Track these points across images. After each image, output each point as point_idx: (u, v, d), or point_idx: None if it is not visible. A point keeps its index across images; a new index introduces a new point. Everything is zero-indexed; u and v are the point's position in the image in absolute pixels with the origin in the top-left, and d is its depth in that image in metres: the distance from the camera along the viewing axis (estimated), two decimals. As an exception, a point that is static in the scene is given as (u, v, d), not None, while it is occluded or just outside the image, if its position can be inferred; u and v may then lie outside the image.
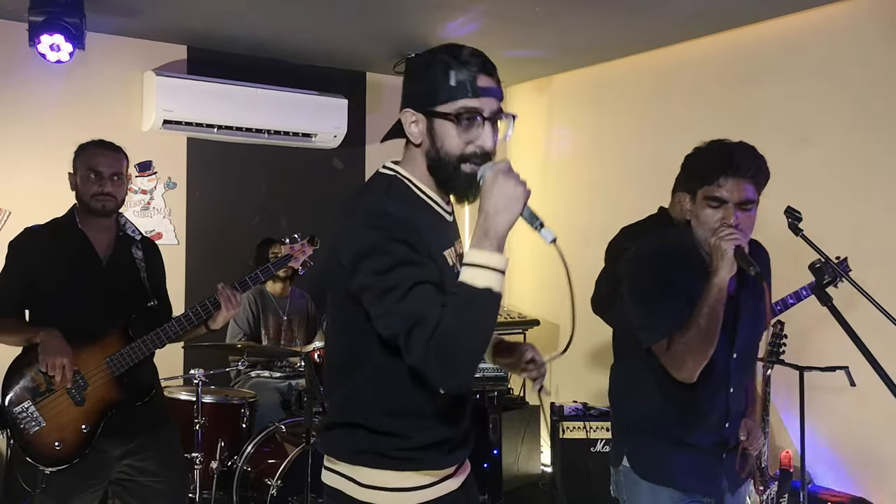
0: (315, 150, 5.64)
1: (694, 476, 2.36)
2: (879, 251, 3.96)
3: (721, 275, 2.17)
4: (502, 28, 4.84)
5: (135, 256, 3.00)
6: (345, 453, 1.87)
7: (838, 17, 4.28)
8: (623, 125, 5.49)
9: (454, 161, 1.76)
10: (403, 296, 1.65)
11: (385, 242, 1.68)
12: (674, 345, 2.19)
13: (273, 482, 3.81)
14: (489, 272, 1.63)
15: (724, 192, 2.22)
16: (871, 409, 3.99)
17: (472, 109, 1.74)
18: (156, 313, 2.98)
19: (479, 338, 1.66)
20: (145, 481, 2.92)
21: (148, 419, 2.94)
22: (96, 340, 2.85)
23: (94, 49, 4.81)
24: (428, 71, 1.77)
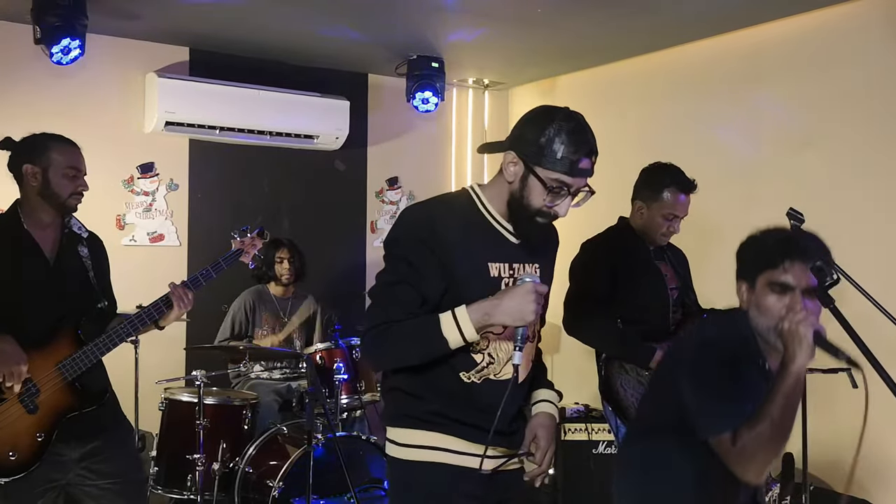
0: (317, 152, 5.65)
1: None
2: (880, 252, 3.96)
3: (799, 362, 1.99)
4: (505, 29, 4.84)
5: (81, 255, 2.88)
6: (389, 418, 2.16)
7: (841, 19, 4.27)
8: (626, 126, 5.48)
9: (532, 212, 2.04)
10: (392, 284, 2.03)
11: (408, 239, 2.04)
12: (741, 439, 1.99)
13: (275, 484, 3.81)
14: (457, 333, 1.94)
15: (790, 277, 2.08)
16: (872, 411, 3.98)
17: (564, 184, 2.00)
18: (105, 314, 2.88)
19: (409, 358, 2.04)
20: (103, 484, 2.83)
21: (103, 422, 2.85)
22: (46, 346, 2.72)
23: (97, 51, 4.81)
24: (543, 131, 1.99)
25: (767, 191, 4.49)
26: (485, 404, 2.03)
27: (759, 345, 2.15)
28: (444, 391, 2.06)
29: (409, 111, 5.75)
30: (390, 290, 2.02)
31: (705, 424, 2.06)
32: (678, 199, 3.34)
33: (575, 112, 2.04)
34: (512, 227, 2.10)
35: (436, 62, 5.46)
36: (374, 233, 6.03)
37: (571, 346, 5.54)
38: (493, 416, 1.97)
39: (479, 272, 2.05)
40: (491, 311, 1.94)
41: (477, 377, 2.06)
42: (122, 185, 5.07)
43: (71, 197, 2.81)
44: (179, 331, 5.12)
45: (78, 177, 2.83)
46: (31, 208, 2.81)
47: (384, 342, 2.00)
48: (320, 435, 3.78)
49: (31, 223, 2.80)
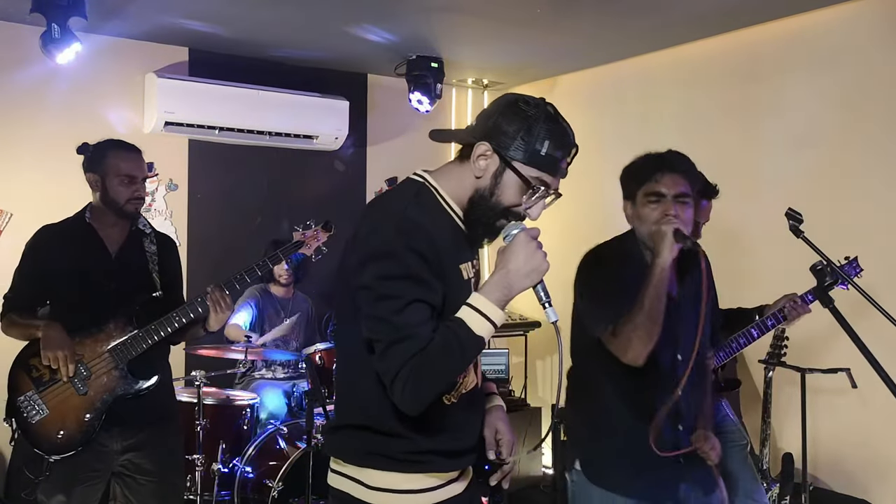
0: (316, 152, 5.65)
1: (648, 482, 2.36)
2: (880, 252, 3.96)
3: (663, 255, 2.28)
4: (504, 29, 4.84)
5: (147, 250, 3.04)
6: (352, 455, 1.88)
7: (840, 19, 4.28)
8: (625, 127, 5.49)
9: (499, 211, 1.83)
10: (401, 309, 1.70)
11: (400, 250, 1.73)
12: (619, 329, 2.26)
13: (274, 484, 3.81)
14: (486, 323, 1.72)
15: (661, 186, 2.38)
16: (873, 411, 3.99)
17: (545, 184, 1.83)
18: (163, 305, 2.99)
19: (453, 375, 1.78)
20: (141, 479, 2.96)
21: (151, 414, 2.96)
22: (101, 330, 2.90)
23: (96, 51, 4.81)
24: (526, 125, 1.79)
25: (767, 191, 4.49)
26: (463, 420, 1.93)
27: (645, 255, 2.42)
28: (423, 422, 1.80)
29: (409, 111, 5.75)
30: (402, 317, 1.70)
31: (592, 325, 2.36)
32: (700, 204, 3.29)
33: (551, 104, 1.87)
34: (464, 224, 1.89)
35: (435, 62, 5.46)
36: (373, 233, 6.03)
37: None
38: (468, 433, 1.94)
39: (456, 276, 1.85)
40: (505, 281, 1.74)
41: (455, 396, 1.89)
42: (122, 185, 5.07)
43: (128, 203, 2.97)
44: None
45: (133, 183, 2.97)
46: (99, 211, 3.02)
47: (420, 378, 1.68)
48: (320, 435, 3.78)
49: (99, 223, 3.01)
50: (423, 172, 1.94)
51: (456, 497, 1.93)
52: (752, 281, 4.24)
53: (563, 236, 5.90)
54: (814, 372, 3.69)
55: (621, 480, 2.37)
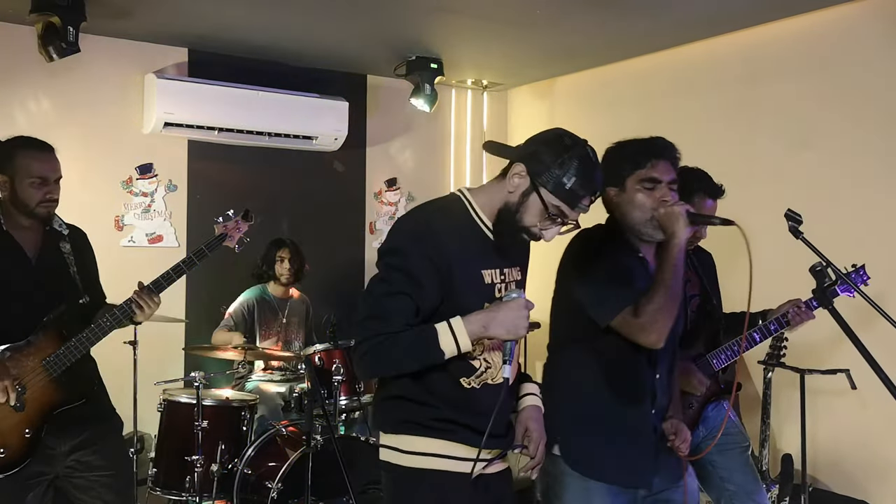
0: (316, 153, 5.65)
1: (626, 469, 2.40)
2: (880, 252, 3.95)
3: (679, 235, 2.29)
4: (503, 30, 4.85)
5: (63, 251, 2.90)
6: (390, 425, 2.15)
7: (840, 20, 4.28)
8: (625, 128, 5.44)
9: (520, 227, 2.07)
10: (392, 294, 2.01)
11: (408, 249, 2.02)
12: (643, 308, 2.25)
13: (273, 485, 3.80)
14: (453, 343, 1.98)
15: (656, 172, 2.38)
16: (872, 412, 3.98)
17: (563, 214, 2.05)
18: (89, 309, 2.89)
19: (404, 368, 2.04)
20: (91, 476, 2.87)
21: (92, 415, 2.88)
22: (31, 343, 2.77)
23: (96, 52, 4.81)
24: (559, 157, 2.01)
25: (766, 192, 4.49)
26: (485, 408, 2.07)
27: (630, 240, 2.44)
28: (448, 397, 2.08)
29: (408, 112, 5.75)
30: (388, 301, 2.01)
31: (604, 309, 2.33)
32: (706, 204, 3.26)
33: (591, 147, 2.08)
34: (492, 234, 2.12)
35: (434, 63, 5.46)
36: (372, 234, 6.04)
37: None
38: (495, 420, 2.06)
39: (475, 280, 2.08)
40: (487, 323, 1.99)
41: (476, 382, 2.11)
42: (121, 186, 5.07)
43: (39, 206, 2.81)
44: (178, 332, 5.12)
45: (46, 185, 2.81)
46: (8, 212, 2.84)
47: (379, 353, 1.99)
48: (319, 436, 3.78)
49: (11, 225, 2.83)
50: (463, 189, 2.19)
51: (486, 476, 2.13)
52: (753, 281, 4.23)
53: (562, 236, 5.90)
54: (813, 373, 3.69)
55: (598, 466, 2.39)
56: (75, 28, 4.22)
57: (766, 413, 3.85)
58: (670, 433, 2.48)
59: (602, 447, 2.40)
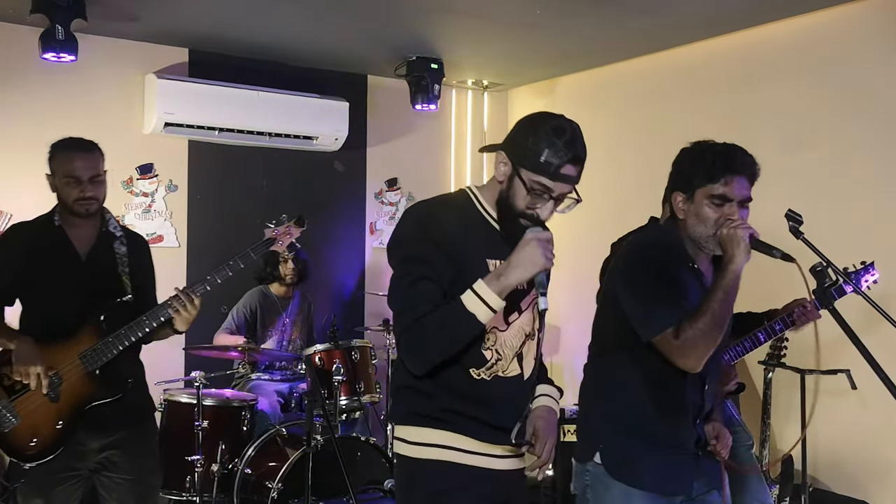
0: (316, 153, 5.65)
1: (668, 478, 2.35)
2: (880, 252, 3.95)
3: (738, 261, 2.21)
4: (504, 31, 4.85)
5: (116, 252, 2.97)
6: (399, 417, 2.17)
7: (840, 20, 4.28)
8: (625, 128, 5.49)
9: (516, 212, 2.07)
10: (412, 283, 2.02)
11: (417, 237, 2.05)
12: (684, 332, 2.18)
13: (274, 485, 3.81)
14: (481, 304, 1.96)
15: (730, 190, 2.28)
16: (872, 412, 3.98)
17: (545, 188, 2.02)
18: (133, 309, 2.92)
19: (445, 343, 2.00)
20: (117, 477, 2.91)
21: (127, 415, 2.91)
22: (70, 336, 2.84)
23: (96, 52, 4.81)
24: (531, 135, 2.02)
25: (766, 192, 4.46)
26: (496, 401, 2.08)
27: (688, 248, 2.35)
28: (456, 389, 2.07)
29: (409, 112, 5.76)
30: (411, 290, 2.02)
31: (647, 325, 2.25)
32: None
33: (570, 120, 2.05)
34: (498, 226, 2.13)
35: (435, 63, 5.46)
36: (373, 234, 6.04)
37: (571, 346, 5.56)
38: (504, 413, 2.07)
39: (479, 268, 2.07)
40: (505, 271, 1.96)
41: (487, 374, 2.09)
42: (122, 186, 5.07)
43: (75, 203, 2.89)
44: (178, 332, 5.12)
45: (79, 183, 2.88)
46: (62, 210, 2.96)
47: (419, 340, 2.00)
48: (319, 436, 3.78)
49: (66, 223, 2.94)
50: (471, 185, 2.22)
51: (490, 471, 2.11)
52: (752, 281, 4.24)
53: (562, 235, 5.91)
54: (813, 373, 3.69)
55: (641, 475, 2.32)
56: (64, 27, 4.22)
57: (766, 413, 3.85)
58: (712, 437, 2.42)
59: (645, 456, 2.33)
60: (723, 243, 2.25)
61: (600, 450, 2.36)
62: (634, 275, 2.34)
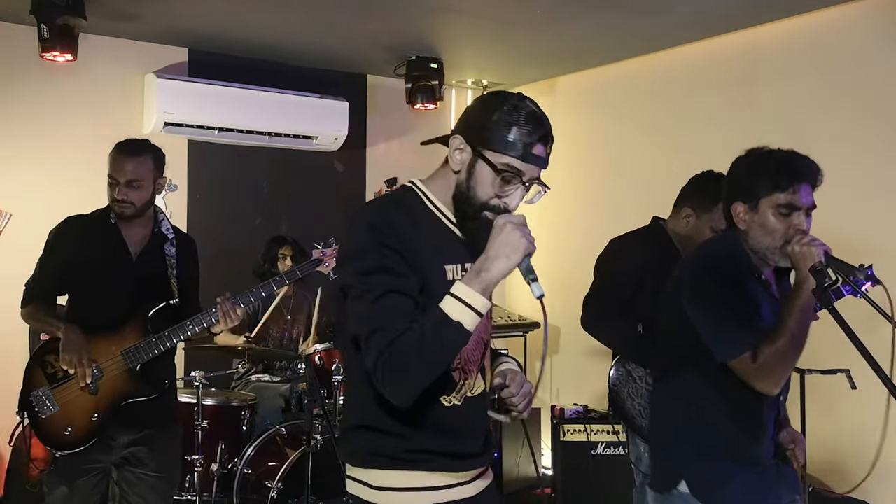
0: (316, 153, 5.65)
1: (758, 494, 2.27)
2: (880, 252, 3.96)
3: (811, 280, 2.10)
4: (503, 30, 4.85)
5: (167, 253, 3.06)
6: (358, 458, 1.90)
7: (838, 21, 4.28)
8: (625, 127, 5.49)
9: (478, 205, 1.82)
10: (375, 300, 1.72)
11: (374, 246, 1.75)
12: (762, 355, 2.10)
13: (273, 485, 3.81)
14: (466, 308, 1.68)
15: (797, 198, 2.21)
16: (872, 412, 3.98)
17: (516, 171, 1.79)
18: (178, 311, 3.02)
19: (431, 363, 1.70)
20: (140, 473, 3.00)
21: (157, 414, 3.00)
22: (115, 332, 2.93)
23: (96, 51, 4.81)
24: (493, 113, 1.79)
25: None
26: (467, 425, 1.90)
27: (753, 259, 2.25)
28: (422, 423, 1.83)
29: (408, 112, 5.75)
30: (378, 307, 1.72)
31: (724, 349, 2.14)
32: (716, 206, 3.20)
33: (529, 97, 1.84)
34: (457, 225, 1.88)
35: (435, 63, 5.46)
36: (372, 234, 6.03)
37: (571, 347, 5.56)
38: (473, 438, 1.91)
39: (438, 276, 1.83)
40: (484, 265, 1.69)
41: (458, 398, 1.87)
42: (121, 185, 5.07)
43: (113, 203, 2.98)
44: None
45: (115, 185, 2.96)
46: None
47: (400, 364, 1.68)
48: (319, 436, 3.78)
49: (122, 222, 3.01)
50: (414, 179, 1.95)
51: (464, 501, 1.91)
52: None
53: (562, 235, 5.91)
54: (813, 373, 3.69)
55: (731, 498, 2.24)
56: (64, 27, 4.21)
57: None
58: (788, 443, 2.36)
59: (732, 478, 2.24)
60: (794, 260, 2.15)
61: (686, 476, 2.26)
62: (707, 293, 2.22)
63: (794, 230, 2.18)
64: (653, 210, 3.64)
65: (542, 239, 2.48)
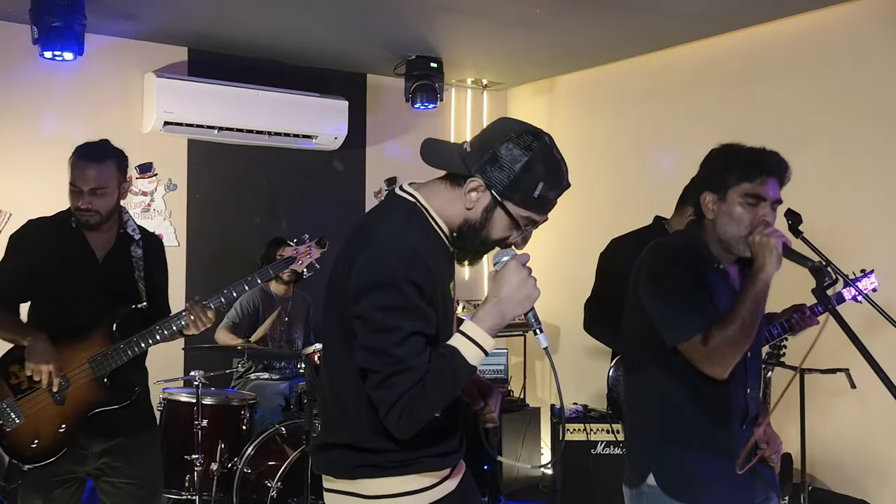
0: (315, 152, 5.65)
1: (727, 488, 2.27)
2: (879, 252, 3.96)
3: (768, 270, 2.18)
4: (503, 30, 4.85)
5: (134, 255, 2.94)
6: (343, 470, 1.90)
7: (837, 20, 4.28)
8: (624, 126, 5.49)
9: (489, 244, 1.86)
10: (400, 341, 1.71)
11: (400, 281, 1.72)
12: (712, 339, 2.15)
13: (273, 484, 3.81)
14: (480, 352, 1.75)
15: (765, 189, 2.27)
16: (872, 412, 3.99)
17: (534, 223, 1.84)
18: (146, 315, 2.91)
19: (447, 402, 1.79)
20: (118, 482, 2.89)
21: (130, 421, 2.89)
22: (82, 340, 2.81)
23: (95, 51, 4.81)
24: (521, 166, 1.76)
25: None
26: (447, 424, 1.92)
27: (713, 250, 2.31)
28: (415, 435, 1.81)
29: (408, 111, 5.75)
30: (404, 348, 1.71)
31: (676, 331, 2.21)
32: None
33: (551, 139, 1.83)
34: (455, 250, 1.90)
35: (434, 62, 5.46)
36: (372, 233, 6.03)
37: (571, 346, 5.55)
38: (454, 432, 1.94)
39: (446, 296, 1.88)
40: (498, 309, 1.75)
41: None
42: (121, 185, 5.07)
43: (77, 212, 2.85)
44: (178, 331, 5.12)
45: (78, 194, 2.82)
46: None
47: (418, 407, 1.71)
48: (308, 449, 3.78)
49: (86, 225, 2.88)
50: (411, 190, 1.89)
51: (451, 493, 1.94)
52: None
53: (561, 235, 5.91)
54: (813, 372, 3.69)
55: (698, 490, 2.25)
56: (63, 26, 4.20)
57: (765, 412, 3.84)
58: (762, 442, 2.37)
59: (701, 469, 2.26)
60: (755, 250, 2.22)
61: (653, 470, 2.28)
62: (660, 279, 2.28)
63: (758, 220, 2.24)
64: (652, 209, 3.64)
65: (541, 238, 2.49)
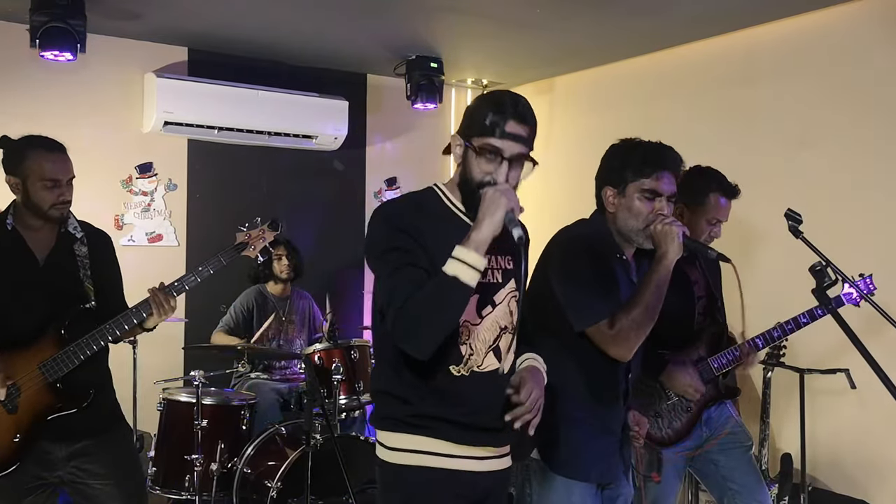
0: (316, 152, 5.65)
1: (603, 467, 2.41)
2: (879, 252, 3.96)
3: (671, 256, 2.32)
4: (503, 30, 4.85)
5: (77, 254, 2.82)
6: (376, 421, 2.15)
7: (838, 20, 4.28)
8: (624, 127, 5.44)
9: (474, 186, 2.06)
10: (392, 272, 2.00)
11: (388, 232, 2.04)
12: (619, 323, 2.28)
13: (273, 484, 3.80)
14: (461, 265, 1.93)
15: (661, 185, 2.40)
16: (872, 412, 3.99)
17: (493, 148, 2.04)
18: (96, 314, 2.79)
19: (436, 314, 1.95)
20: (94, 484, 2.79)
21: (93, 423, 2.78)
22: (30, 346, 2.70)
23: (96, 51, 4.81)
24: (476, 109, 2.09)
25: (764, 192, 4.48)
26: (474, 399, 2.07)
27: (616, 240, 2.47)
28: (430, 391, 2.05)
29: (408, 111, 5.76)
30: (394, 279, 1.98)
31: (584, 315, 2.34)
32: (720, 203, 3.22)
33: (514, 92, 2.11)
34: (465, 211, 2.11)
35: (435, 62, 5.46)
36: (372, 233, 6.03)
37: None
38: (482, 412, 2.07)
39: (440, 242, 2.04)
40: (474, 227, 1.96)
41: (465, 370, 2.07)
42: (121, 185, 5.07)
43: (52, 208, 2.74)
44: (178, 331, 5.12)
45: (57, 187, 2.74)
46: (20, 214, 2.79)
47: (413, 320, 1.93)
48: (318, 435, 3.78)
49: (22, 226, 2.77)
50: (437, 182, 2.20)
51: (469, 474, 2.08)
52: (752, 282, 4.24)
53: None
54: (812, 373, 3.69)
55: (582, 467, 2.38)
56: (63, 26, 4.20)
57: (765, 412, 3.85)
58: (634, 424, 2.50)
59: (583, 445, 2.39)
60: (656, 238, 2.35)
61: (539, 445, 2.38)
62: (570, 266, 2.40)
63: (655, 213, 2.38)
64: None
65: (541, 238, 2.49)
